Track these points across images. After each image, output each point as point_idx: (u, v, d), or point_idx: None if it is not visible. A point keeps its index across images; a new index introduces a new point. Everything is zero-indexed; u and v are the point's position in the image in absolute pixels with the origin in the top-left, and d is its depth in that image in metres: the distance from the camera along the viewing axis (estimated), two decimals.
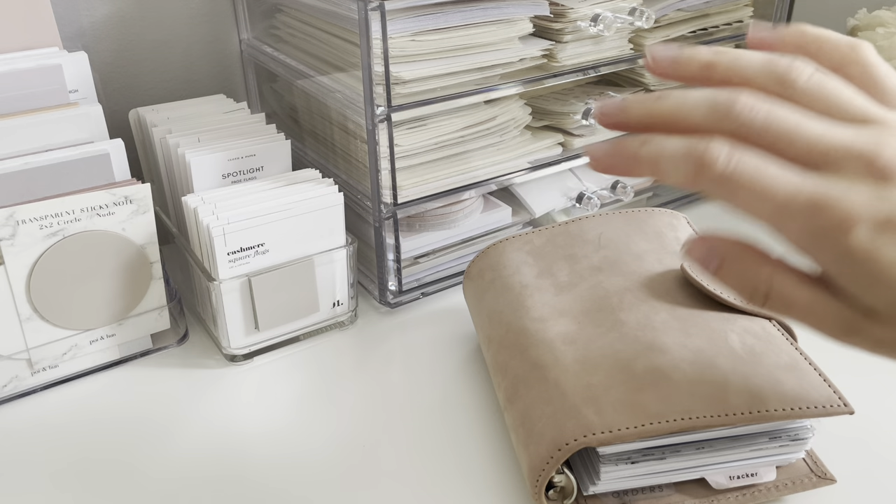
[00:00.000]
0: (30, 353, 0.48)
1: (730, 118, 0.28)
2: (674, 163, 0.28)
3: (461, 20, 0.52)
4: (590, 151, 0.31)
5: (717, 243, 0.30)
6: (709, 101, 0.29)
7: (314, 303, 0.53)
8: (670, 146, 0.29)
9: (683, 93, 0.30)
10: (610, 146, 0.30)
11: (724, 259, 0.30)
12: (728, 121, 0.28)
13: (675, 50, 0.31)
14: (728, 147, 0.28)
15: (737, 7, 0.67)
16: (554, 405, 0.39)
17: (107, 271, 0.48)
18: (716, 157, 0.27)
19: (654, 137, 0.29)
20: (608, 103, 0.31)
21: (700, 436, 0.38)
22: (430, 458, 0.44)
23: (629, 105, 0.31)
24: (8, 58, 0.52)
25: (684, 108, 0.29)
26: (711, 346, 0.40)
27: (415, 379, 0.50)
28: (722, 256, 0.30)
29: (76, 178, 0.48)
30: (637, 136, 0.30)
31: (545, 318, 0.44)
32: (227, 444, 0.45)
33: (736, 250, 0.30)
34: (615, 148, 0.30)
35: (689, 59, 0.31)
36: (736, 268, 0.30)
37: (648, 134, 0.29)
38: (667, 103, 0.30)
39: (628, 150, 0.30)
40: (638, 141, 0.30)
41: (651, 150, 0.29)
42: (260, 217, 0.49)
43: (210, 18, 0.68)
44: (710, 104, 0.29)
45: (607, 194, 0.65)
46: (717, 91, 0.29)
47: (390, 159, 0.52)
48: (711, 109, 0.29)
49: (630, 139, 0.30)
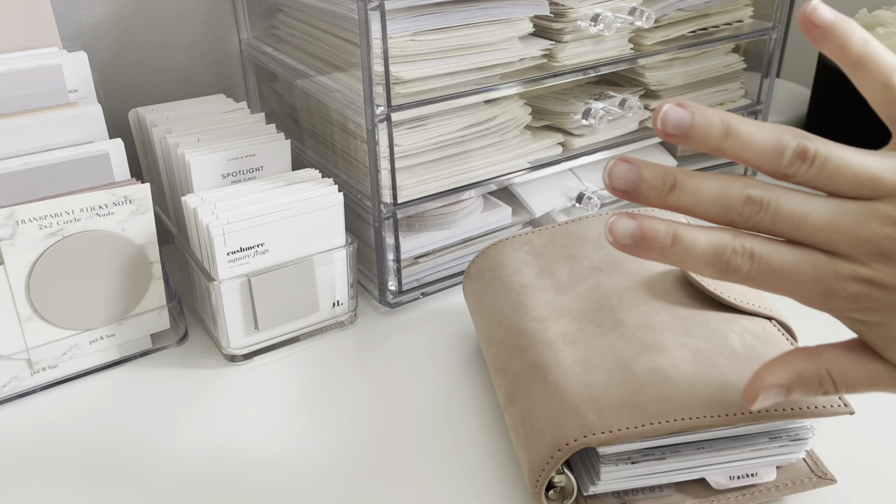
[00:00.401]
0: (29, 353, 0.48)
1: (742, 217, 0.30)
2: (701, 266, 0.31)
3: (461, 20, 0.52)
4: (614, 230, 0.31)
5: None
6: (721, 203, 0.30)
7: (314, 303, 0.53)
8: (698, 250, 0.30)
9: (697, 187, 0.30)
10: (636, 231, 0.30)
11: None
12: (741, 220, 0.30)
13: (686, 122, 0.31)
14: (749, 253, 0.30)
15: (737, 7, 0.67)
16: (554, 405, 0.39)
17: (106, 271, 0.48)
18: (740, 265, 0.30)
19: (682, 237, 0.30)
20: (621, 171, 0.31)
21: (700, 436, 0.38)
22: (430, 458, 0.44)
23: (643, 189, 0.31)
24: (8, 58, 0.52)
25: (698, 207, 0.30)
26: (711, 346, 0.40)
27: (415, 379, 0.50)
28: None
29: (76, 178, 0.48)
30: (662, 227, 0.30)
31: (545, 318, 0.44)
32: (226, 444, 0.45)
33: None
34: (642, 238, 0.30)
35: (699, 142, 0.31)
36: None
37: (675, 226, 0.30)
38: (682, 199, 0.31)
39: (656, 245, 0.30)
40: (667, 238, 0.30)
41: (678, 252, 0.30)
42: (260, 217, 0.49)
43: (210, 18, 0.68)
44: (722, 206, 0.30)
45: (607, 194, 0.65)
46: (727, 188, 0.30)
47: (390, 159, 0.52)
48: (723, 210, 0.30)
49: (657, 231, 0.30)
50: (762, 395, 0.33)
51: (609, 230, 0.31)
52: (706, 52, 0.68)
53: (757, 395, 0.33)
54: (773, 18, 0.69)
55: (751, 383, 0.34)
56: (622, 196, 0.31)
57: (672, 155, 0.71)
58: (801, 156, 0.30)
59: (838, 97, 0.72)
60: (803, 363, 0.33)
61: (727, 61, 0.70)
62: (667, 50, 0.63)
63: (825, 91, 0.74)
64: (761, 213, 0.30)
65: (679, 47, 0.64)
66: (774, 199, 0.30)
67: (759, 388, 0.33)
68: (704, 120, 0.30)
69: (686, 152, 0.72)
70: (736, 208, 0.30)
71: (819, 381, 0.33)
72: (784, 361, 0.33)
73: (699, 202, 0.30)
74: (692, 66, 0.67)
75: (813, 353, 0.33)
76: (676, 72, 0.66)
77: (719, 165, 0.75)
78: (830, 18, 0.32)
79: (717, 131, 0.30)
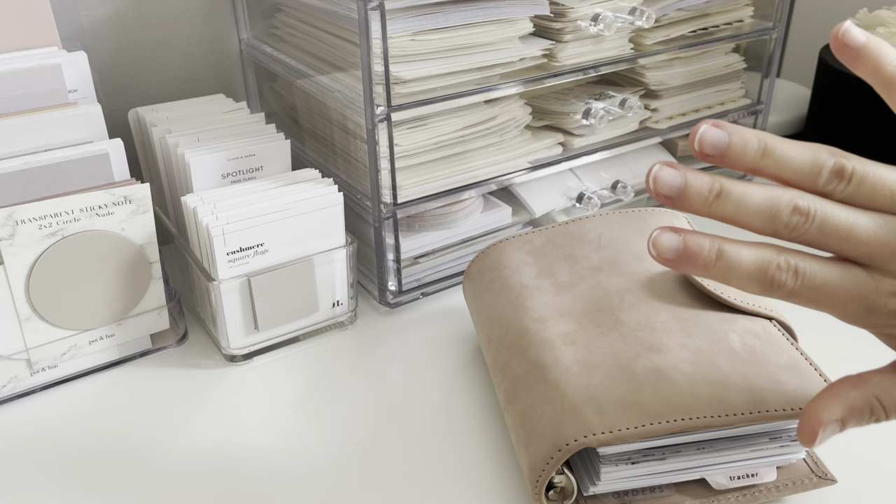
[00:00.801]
0: (29, 353, 0.48)
1: (788, 228, 0.30)
2: (745, 282, 0.30)
3: (461, 20, 0.52)
4: (657, 244, 0.31)
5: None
6: (767, 212, 0.30)
7: (314, 303, 0.53)
8: (743, 266, 0.30)
9: (743, 195, 0.30)
10: (680, 246, 0.30)
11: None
12: (786, 231, 0.30)
13: (723, 142, 0.30)
14: (794, 268, 0.30)
15: (737, 7, 0.67)
16: (554, 405, 0.38)
17: (106, 271, 0.48)
18: (784, 281, 0.30)
19: (726, 252, 0.30)
20: (665, 176, 0.31)
21: (700, 436, 0.38)
22: (430, 458, 0.44)
23: (688, 195, 0.30)
24: (7, 58, 0.52)
25: (743, 216, 0.30)
26: (712, 346, 0.40)
27: (415, 379, 0.50)
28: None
29: (75, 178, 0.48)
30: (707, 242, 0.30)
31: (545, 319, 0.44)
32: (226, 445, 0.45)
33: None
34: (686, 253, 0.30)
35: (734, 162, 0.31)
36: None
37: (719, 241, 0.30)
38: (727, 207, 0.30)
39: (700, 259, 0.30)
40: (712, 253, 0.30)
41: (723, 268, 0.30)
42: (259, 217, 0.49)
43: (210, 18, 0.68)
44: (768, 215, 0.30)
45: (607, 194, 0.65)
46: (773, 198, 0.30)
47: (390, 159, 0.52)
48: (769, 220, 0.30)
49: (702, 246, 0.30)
50: (820, 433, 0.32)
51: (652, 244, 0.30)
52: (706, 51, 0.68)
53: (815, 433, 0.32)
54: (773, 18, 0.69)
55: (805, 422, 0.33)
56: (666, 202, 0.31)
57: (672, 155, 0.71)
58: (839, 174, 0.30)
59: (838, 97, 0.72)
60: (853, 393, 0.32)
61: (727, 61, 0.70)
62: (667, 50, 0.63)
63: (825, 91, 0.74)
64: (808, 223, 0.30)
65: (679, 47, 0.64)
66: (821, 210, 0.30)
67: (815, 426, 0.32)
68: (741, 140, 0.30)
69: (686, 151, 0.72)
70: (783, 218, 0.30)
71: (871, 409, 0.32)
72: (833, 394, 0.33)
73: (745, 211, 0.30)
74: (692, 65, 0.67)
75: (859, 382, 0.33)
76: (676, 72, 0.66)
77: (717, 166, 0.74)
78: (863, 40, 0.32)
79: (754, 151, 0.30)
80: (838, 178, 0.30)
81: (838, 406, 0.32)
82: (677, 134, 0.69)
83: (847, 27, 0.32)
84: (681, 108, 0.69)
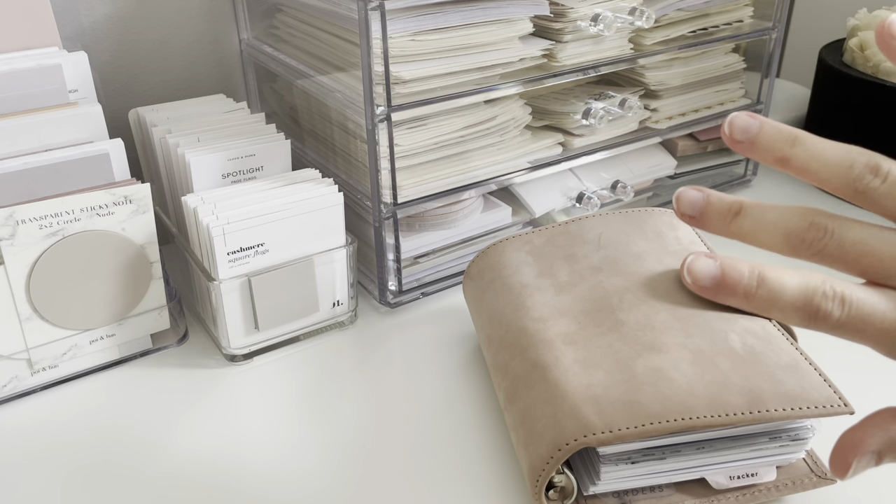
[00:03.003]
0: (29, 353, 0.48)
1: (805, 244, 0.29)
2: (788, 312, 0.30)
3: (461, 20, 0.52)
4: (693, 271, 0.30)
5: None
6: (785, 229, 0.30)
7: (314, 303, 0.53)
8: (787, 294, 0.30)
9: (761, 212, 0.30)
10: (717, 272, 0.30)
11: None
12: (804, 247, 0.29)
13: (754, 128, 0.30)
14: (840, 296, 0.29)
15: (737, 7, 0.67)
16: (554, 405, 0.39)
17: (106, 271, 0.48)
18: (830, 311, 0.29)
19: (768, 278, 0.30)
20: (689, 197, 0.31)
21: (700, 436, 0.38)
22: (431, 458, 0.44)
23: (709, 213, 0.30)
24: (8, 58, 0.52)
25: (761, 233, 0.30)
26: (711, 346, 0.40)
27: (415, 379, 0.50)
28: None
29: (76, 177, 0.48)
30: (746, 268, 0.30)
31: (545, 318, 0.44)
32: (226, 444, 0.45)
33: None
34: (724, 280, 0.30)
35: (766, 148, 0.30)
36: None
37: (759, 267, 0.30)
38: (745, 224, 0.30)
39: (740, 288, 0.30)
40: (752, 280, 0.30)
41: (765, 296, 0.30)
42: (260, 217, 0.49)
43: (210, 18, 0.68)
44: (786, 232, 0.29)
45: (607, 194, 0.65)
46: (791, 214, 0.30)
47: (390, 159, 0.52)
48: (787, 237, 0.30)
49: (741, 273, 0.30)
50: (854, 465, 0.30)
51: (687, 271, 0.30)
52: (706, 52, 0.68)
53: (848, 464, 0.30)
54: (773, 18, 0.69)
55: (838, 452, 0.31)
56: (688, 221, 0.31)
57: (672, 155, 0.71)
58: (875, 170, 0.29)
59: (838, 97, 0.72)
60: (894, 426, 0.30)
61: (727, 61, 0.70)
62: (667, 50, 0.63)
63: (825, 91, 0.74)
64: (825, 238, 0.29)
65: (679, 47, 0.64)
66: (839, 226, 0.29)
67: (849, 457, 0.30)
68: (773, 128, 0.30)
69: (686, 151, 0.72)
70: (799, 234, 0.29)
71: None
72: (873, 425, 0.31)
73: (762, 227, 0.30)
74: (692, 66, 0.67)
75: None
76: (676, 72, 0.66)
77: (719, 166, 0.75)
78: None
79: (785, 139, 0.30)
80: (873, 173, 0.29)
81: (877, 437, 0.30)
82: (677, 134, 0.69)
83: (893, 19, 0.31)
84: (680, 108, 0.69)
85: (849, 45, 0.72)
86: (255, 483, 0.42)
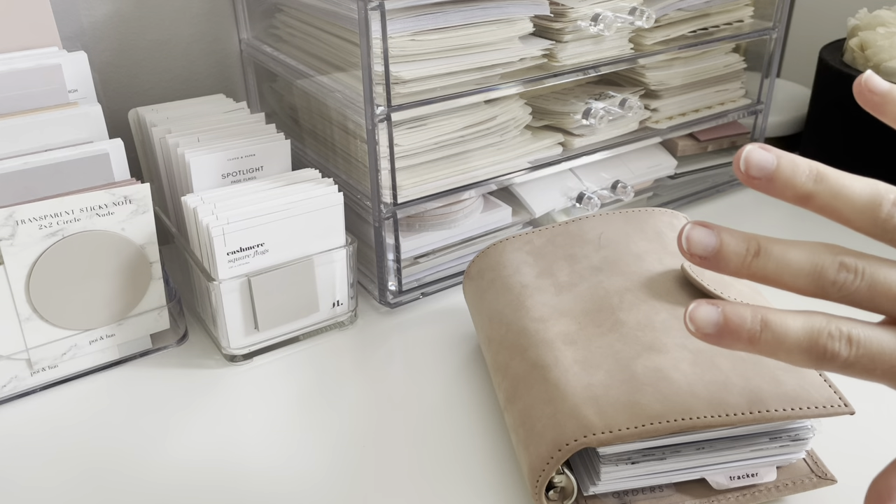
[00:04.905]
0: (29, 353, 0.48)
1: (835, 287, 0.28)
2: (794, 354, 0.28)
3: (461, 20, 0.52)
4: (695, 319, 0.28)
5: None
6: (812, 270, 0.28)
7: (314, 303, 0.53)
8: (791, 336, 0.28)
9: (784, 252, 0.28)
10: (719, 318, 0.28)
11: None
12: (834, 290, 0.28)
13: (770, 164, 0.28)
14: (847, 336, 0.28)
15: (737, 7, 0.67)
16: (554, 405, 0.38)
17: (106, 271, 0.48)
18: (838, 351, 0.28)
19: (771, 322, 0.28)
20: (699, 237, 0.29)
21: (700, 436, 0.38)
22: (431, 458, 0.44)
23: (725, 254, 0.29)
24: (7, 58, 0.52)
25: (786, 275, 0.28)
26: (711, 346, 0.40)
27: (415, 379, 0.50)
28: None
29: (76, 177, 0.48)
30: (749, 312, 0.28)
31: (545, 319, 0.44)
32: (226, 445, 0.45)
33: None
34: (727, 326, 0.28)
35: (785, 185, 0.29)
36: None
37: (761, 311, 0.28)
38: (768, 266, 0.28)
39: (744, 333, 0.28)
40: (755, 324, 0.28)
41: (770, 340, 0.28)
42: (260, 217, 0.49)
43: (210, 18, 0.68)
44: (813, 273, 0.28)
45: (607, 194, 0.65)
46: (818, 253, 0.28)
47: (390, 159, 0.52)
48: (813, 280, 0.28)
49: (744, 318, 0.28)
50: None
51: (689, 319, 0.28)
52: (706, 52, 0.68)
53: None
54: (773, 18, 0.69)
55: (874, 493, 0.29)
56: (700, 263, 0.29)
57: (672, 155, 0.71)
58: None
59: (838, 97, 0.72)
60: None
61: (727, 61, 0.70)
62: (667, 50, 0.63)
63: (825, 91, 0.74)
64: (857, 280, 0.28)
65: (679, 47, 0.64)
66: (869, 266, 0.28)
67: (885, 499, 0.29)
68: (791, 163, 0.28)
69: (686, 151, 0.72)
70: (829, 276, 0.28)
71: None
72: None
73: (787, 270, 0.28)
74: (692, 66, 0.67)
75: None
76: (676, 72, 0.66)
77: (719, 166, 0.75)
78: (886, 87, 0.31)
79: (806, 176, 0.28)
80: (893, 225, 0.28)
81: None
82: (677, 134, 0.69)
83: (869, 75, 0.31)
84: (681, 108, 0.69)
85: (849, 45, 0.72)
86: (254, 483, 0.42)
